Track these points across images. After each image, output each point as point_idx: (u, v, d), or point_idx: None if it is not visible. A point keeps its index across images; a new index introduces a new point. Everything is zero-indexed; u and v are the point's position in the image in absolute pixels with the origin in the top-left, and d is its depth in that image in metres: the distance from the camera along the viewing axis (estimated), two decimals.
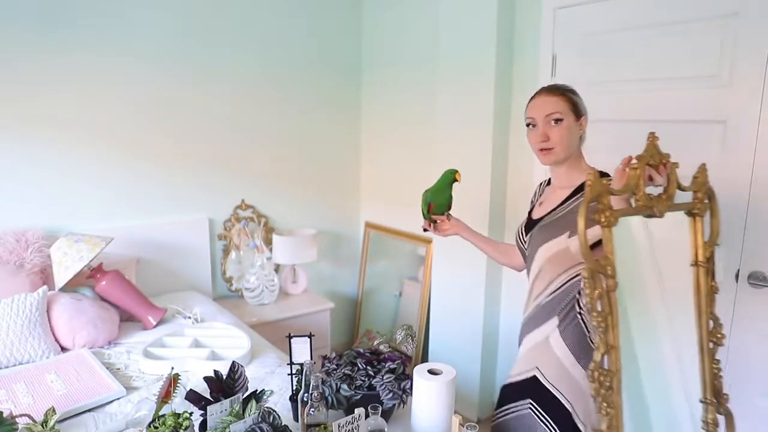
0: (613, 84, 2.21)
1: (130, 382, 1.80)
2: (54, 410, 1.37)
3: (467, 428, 1.24)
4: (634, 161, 1.16)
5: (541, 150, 1.46)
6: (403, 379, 1.53)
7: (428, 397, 1.39)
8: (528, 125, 1.51)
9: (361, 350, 1.68)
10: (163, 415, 1.30)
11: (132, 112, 2.60)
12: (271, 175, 3.12)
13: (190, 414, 1.30)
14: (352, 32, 3.30)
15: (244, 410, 1.33)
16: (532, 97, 1.53)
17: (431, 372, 1.43)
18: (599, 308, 1.05)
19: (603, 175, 1.51)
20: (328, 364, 1.61)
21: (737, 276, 1.94)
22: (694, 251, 1.23)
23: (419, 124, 3.00)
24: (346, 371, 1.54)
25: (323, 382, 1.43)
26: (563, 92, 1.48)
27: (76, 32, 2.40)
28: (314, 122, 3.23)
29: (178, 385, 1.38)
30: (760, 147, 1.83)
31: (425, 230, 1.91)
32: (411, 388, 1.45)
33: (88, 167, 2.52)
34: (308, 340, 1.57)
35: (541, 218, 1.53)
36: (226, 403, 1.31)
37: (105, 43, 2.48)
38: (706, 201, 1.23)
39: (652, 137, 1.16)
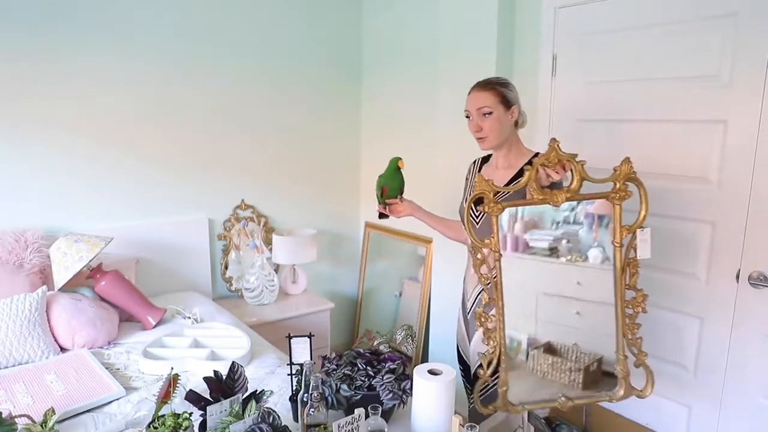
0: (613, 84, 2.21)
1: (129, 382, 1.80)
2: (53, 410, 1.37)
3: (467, 428, 1.24)
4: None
5: (478, 138, 1.73)
6: (403, 379, 1.52)
7: (428, 397, 1.39)
8: (467, 117, 1.76)
9: (361, 350, 1.68)
10: (163, 416, 1.30)
11: (132, 112, 2.60)
12: (271, 175, 3.12)
13: (190, 414, 1.30)
14: (352, 33, 3.30)
15: (243, 410, 1.32)
16: (469, 92, 1.75)
17: (431, 372, 1.43)
18: (483, 272, 1.45)
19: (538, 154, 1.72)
20: (328, 365, 1.60)
21: (737, 276, 1.94)
22: (612, 232, 1.46)
23: (420, 123, 3.00)
24: (346, 371, 1.54)
25: (323, 383, 1.43)
26: (493, 87, 1.71)
27: (76, 32, 2.40)
28: (314, 122, 3.23)
29: (177, 385, 1.38)
30: (761, 147, 1.83)
31: (381, 215, 2.03)
32: (411, 388, 1.45)
33: (87, 167, 2.51)
34: (308, 340, 1.57)
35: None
36: (225, 403, 1.30)
37: (105, 42, 2.48)
38: (630, 190, 1.44)
39: (553, 142, 1.41)
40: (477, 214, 1.80)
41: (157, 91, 2.66)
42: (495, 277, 1.44)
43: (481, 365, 1.64)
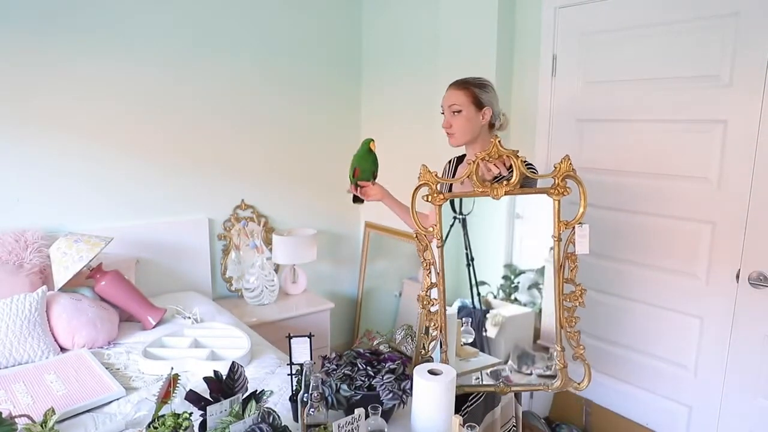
0: (613, 84, 2.21)
1: (129, 382, 1.80)
2: (53, 410, 1.36)
3: (467, 428, 1.24)
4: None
5: (447, 134, 1.79)
6: (403, 379, 1.52)
7: (428, 397, 1.39)
8: (442, 113, 1.80)
9: (361, 350, 1.68)
10: (163, 416, 1.30)
11: (132, 112, 2.60)
12: (271, 174, 3.12)
13: (190, 414, 1.30)
14: (352, 33, 3.30)
15: (243, 410, 1.32)
16: (447, 89, 1.79)
17: (431, 372, 1.43)
18: (427, 258, 1.53)
19: None
20: (328, 365, 1.60)
21: (737, 276, 1.94)
22: (553, 227, 1.51)
23: (420, 123, 3.00)
24: (345, 371, 1.54)
25: (323, 383, 1.43)
26: (468, 86, 1.74)
27: (75, 32, 2.40)
28: (314, 122, 3.23)
29: (177, 385, 1.38)
30: (761, 147, 1.83)
31: (355, 199, 2.08)
32: (411, 388, 1.45)
33: (87, 167, 2.51)
34: (308, 340, 1.57)
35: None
36: (225, 403, 1.30)
37: (104, 42, 2.48)
38: (569, 187, 1.49)
39: (495, 139, 1.49)
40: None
41: (156, 91, 2.65)
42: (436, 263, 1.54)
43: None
